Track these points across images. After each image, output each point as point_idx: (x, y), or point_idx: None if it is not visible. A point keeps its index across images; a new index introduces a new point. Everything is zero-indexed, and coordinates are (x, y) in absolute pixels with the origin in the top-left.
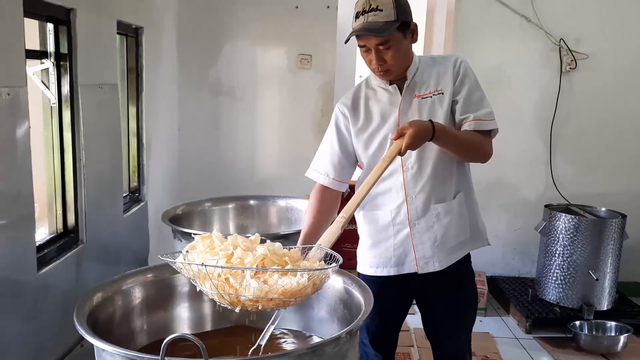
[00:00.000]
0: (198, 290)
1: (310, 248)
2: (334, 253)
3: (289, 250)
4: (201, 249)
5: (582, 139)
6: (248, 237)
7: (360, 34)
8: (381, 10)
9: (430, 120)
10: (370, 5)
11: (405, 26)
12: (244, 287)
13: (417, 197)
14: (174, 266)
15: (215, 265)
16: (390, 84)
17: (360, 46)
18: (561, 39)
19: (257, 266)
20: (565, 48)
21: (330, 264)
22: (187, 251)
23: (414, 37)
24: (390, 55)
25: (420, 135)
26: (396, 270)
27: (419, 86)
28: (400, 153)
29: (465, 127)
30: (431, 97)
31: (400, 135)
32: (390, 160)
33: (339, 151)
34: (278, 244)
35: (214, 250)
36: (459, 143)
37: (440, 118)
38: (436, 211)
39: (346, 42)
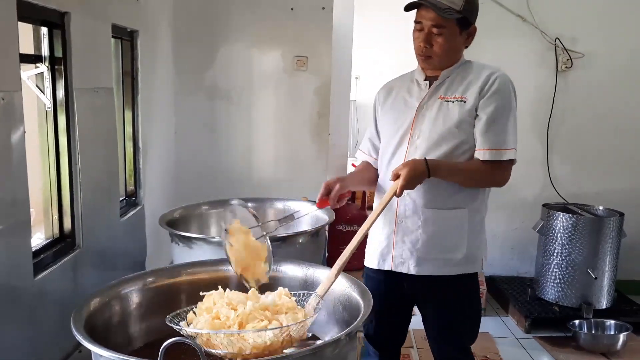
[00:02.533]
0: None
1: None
2: (321, 303)
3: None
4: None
5: (579, 138)
6: None
7: (422, 2)
8: None
9: (425, 159)
10: None
11: (465, 23)
12: (221, 344)
13: (409, 195)
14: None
15: (186, 329)
16: (425, 79)
17: (415, 22)
18: (557, 38)
19: (238, 322)
20: (561, 47)
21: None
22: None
23: (468, 39)
24: (439, 43)
25: (414, 176)
26: (377, 264)
27: (447, 88)
28: (397, 194)
29: (478, 155)
30: (453, 102)
31: (396, 177)
32: (387, 202)
33: (374, 132)
34: (270, 298)
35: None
36: (460, 176)
37: (452, 123)
38: (425, 215)
39: (406, 8)
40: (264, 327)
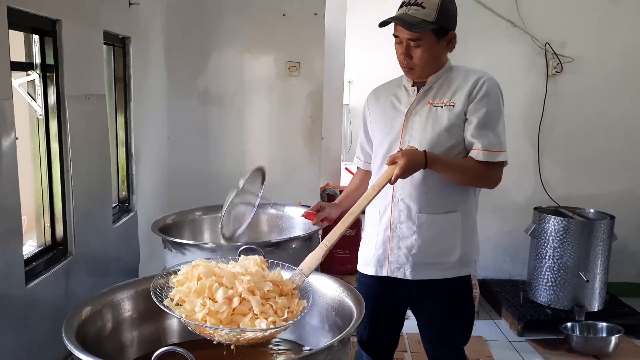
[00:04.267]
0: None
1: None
2: (310, 286)
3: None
4: (187, 290)
5: (570, 142)
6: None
7: (393, 22)
8: (423, 8)
9: (424, 151)
10: (416, 0)
11: (442, 31)
12: (218, 333)
13: (403, 200)
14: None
15: (189, 321)
16: (413, 85)
17: (394, 35)
18: (547, 42)
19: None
20: (551, 52)
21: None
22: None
23: (448, 46)
24: (419, 54)
25: (411, 166)
26: (374, 270)
27: (435, 94)
28: (391, 182)
29: (473, 155)
30: (442, 107)
31: (392, 162)
32: (380, 188)
33: (364, 138)
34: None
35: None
36: (455, 172)
37: (441, 127)
38: (420, 220)
39: (380, 25)
40: (269, 322)
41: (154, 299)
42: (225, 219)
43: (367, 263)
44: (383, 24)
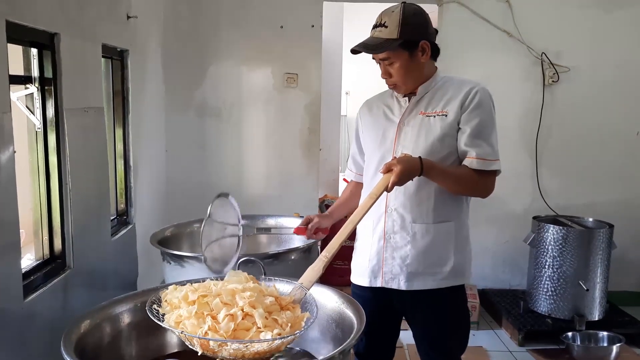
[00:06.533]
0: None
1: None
2: (313, 299)
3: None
4: (185, 314)
5: (567, 151)
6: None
7: (356, 49)
8: (386, 27)
9: (420, 157)
10: (380, 21)
11: (410, 45)
12: (224, 348)
13: (396, 211)
14: (158, 321)
15: (192, 336)
16: (405, 96)
17: (372, 58)
18: (543, 52)
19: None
20: (547, 62)
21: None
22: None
23: (425, 55)
24: (395, 71)
25: (407, 173)
26: (369, 281)
27: (427, 104)
28: (387, 189)
29: (466, 163)
30: (435, 116)
31: (388, 170)
32: (377, 197)
33: (356, 149)
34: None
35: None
36: (450, 180)
37: (434, 137)
38: (413, 230)
39: (352, 53)
40: (275, 333)
41: (152, 317)
42: (208, 254)
43: (361, 274)
44: (353, 52)
